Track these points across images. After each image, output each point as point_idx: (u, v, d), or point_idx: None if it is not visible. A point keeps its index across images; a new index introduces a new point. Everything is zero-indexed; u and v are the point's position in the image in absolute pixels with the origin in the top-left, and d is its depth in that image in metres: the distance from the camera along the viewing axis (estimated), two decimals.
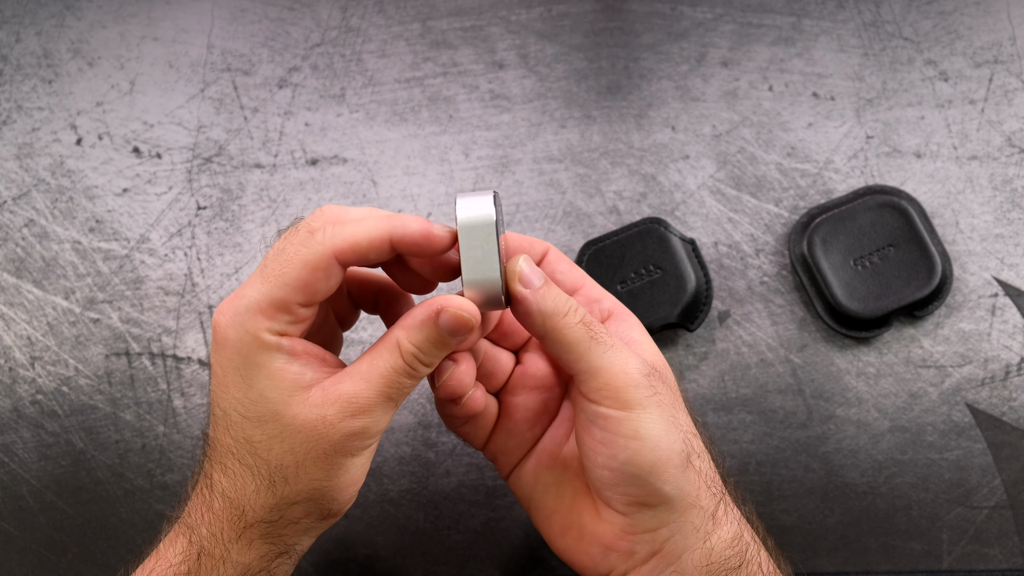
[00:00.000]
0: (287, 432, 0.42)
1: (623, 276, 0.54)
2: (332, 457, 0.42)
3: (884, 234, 0.55)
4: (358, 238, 0.41)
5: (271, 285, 0.41)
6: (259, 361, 0.41)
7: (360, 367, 0.42)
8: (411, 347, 0.42)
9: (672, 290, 0.54)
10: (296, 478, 0.42)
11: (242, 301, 0.41)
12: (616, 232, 0.55)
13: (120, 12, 0.60)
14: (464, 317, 0.41)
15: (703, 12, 0.60)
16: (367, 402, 0.42)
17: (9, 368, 0.56)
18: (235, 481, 0.42)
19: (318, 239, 0.41)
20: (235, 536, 0.42)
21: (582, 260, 0.55)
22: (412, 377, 0.42)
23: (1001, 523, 0.53)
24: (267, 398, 0.41)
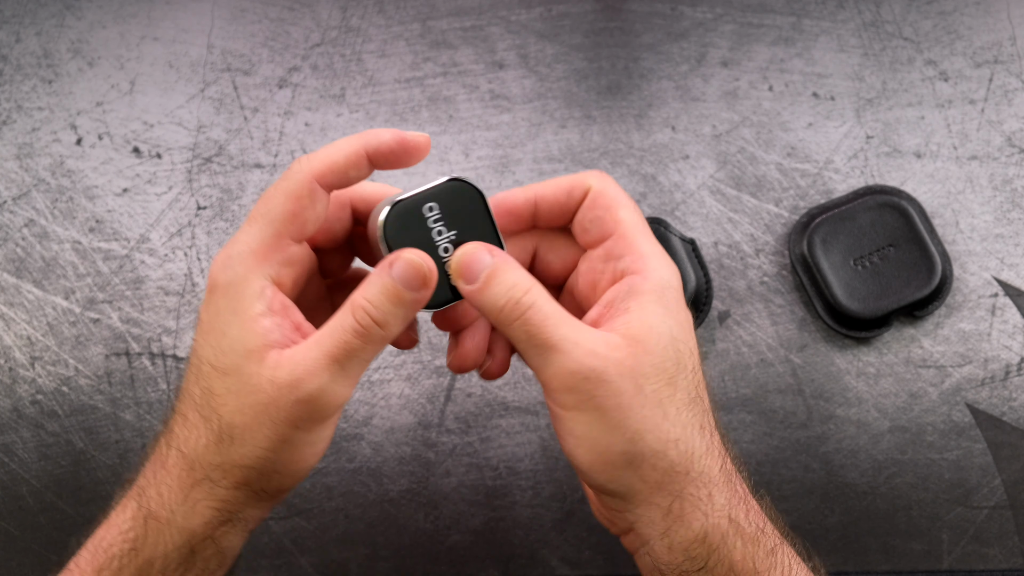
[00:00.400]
0: (243, 389, 0.41)
1: None
2: (280, 427, 0.41)
3: (884, 234, 0.55)
4: (334, 157, 0.41)
5: (259, 225, 0.41)
6: (240, 308, 0.41)
7: (316, 332, 0.41)
8: (363, 301, 0.40)
9: None
10: (243, 440, 0.41)
11: (235, 247, 0.41)
12: None
13: (120, 12, 0.60)
14: (417, 263, 0.40)
15: (703, 12, 0.60)
16: (314, 363, 0.40)
17: (9, 368, 0.56)
18: (191, 432, 0.42)
19: (295, 169, 0.41)
20: (182, 497, 0.42)
21: None
22: (363, 338, 0.40)
23: (1001, 523, 0.53)
24: (235, 349, 0.41)
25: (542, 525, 0.54)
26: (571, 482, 0.54)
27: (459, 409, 0.55)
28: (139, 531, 0.42)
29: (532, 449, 0.55)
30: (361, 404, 0.55)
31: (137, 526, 0.42)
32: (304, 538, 0.54)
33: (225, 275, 0.41)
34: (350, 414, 0.55)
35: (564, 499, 0.54)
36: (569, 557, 0.54)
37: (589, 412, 0.40)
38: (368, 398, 0.55)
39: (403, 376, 0.56)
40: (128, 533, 0.42)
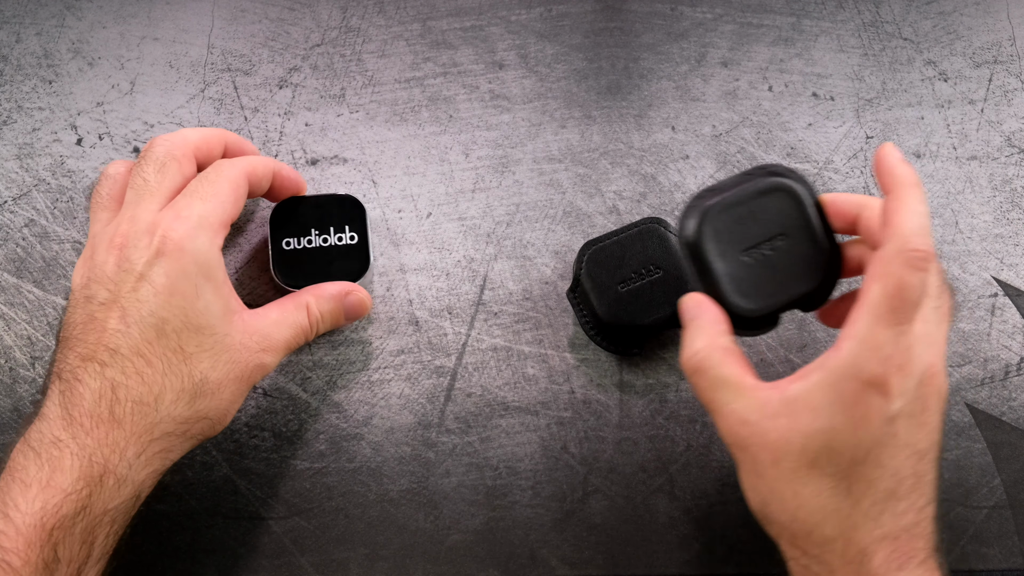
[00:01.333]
0: (217, 347, 0.46)
1: (623, 276, 0.54)
2: (242, 383, 0.48)
3: (775, 222, 0.48)
4: (257, 167, 0.51)
5: (212, 203, 0.47)
6: (211, 273, 0.47)
7: (271, 314, 0.50)
8: (318, 312, 0.51)
9: (672, 290, 0.54)
10: (214, 394, 0.46)
11: (191, 220, 0.47)
12: (616, 232, 0.55)
13: (120, 12, 0.60)
14: (366, 305, 0.54)
15: (703, 12, 0.60)
16: (277, 343, 0.49)
17: (9, 368, 0.56)
18: (152, 388, 0.45)
19: (233, 163, 0.49)
20: (138, 451, 0.45)
21: (582, 260, 0.55)
22: (307, 337, 0.51)
23: (1001, 523, 0.54)
24: (210, 310, 0.46)
25: (542, 525, 0.54)
26: (571, 482, 0.54)
27: (459, 409, 0.55)
28: (93, 488, 0.43)
29: (532, 449, 0.55)
30: (361, 404, 0.55)
31: (91, 484, 0.43)
32: (304, 538, 0.54)
33: (192, 244, 0.46)
34: (350, 414, 0.55)
35: (564, 499, 0.54)
36: (569, 557, 0.54)
37: (739, 465, 0.46)
38: (368, 398, 0.55)
39: (403, 376, 0.56)
40: (79, 493, 0.43)
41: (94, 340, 0.45)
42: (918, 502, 0.43)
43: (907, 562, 0.42)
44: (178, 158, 0.49)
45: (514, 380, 0.56)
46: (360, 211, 0.54)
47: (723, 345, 0.46)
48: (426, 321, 0.56)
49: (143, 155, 0.49)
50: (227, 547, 0.54)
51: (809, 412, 0.42)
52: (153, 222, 0.47)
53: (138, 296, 0.45)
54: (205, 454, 0.54)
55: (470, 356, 0.56)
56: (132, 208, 0.48)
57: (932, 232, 0.42)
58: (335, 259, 0.54)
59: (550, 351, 0.56)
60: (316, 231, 0.54)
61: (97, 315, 0.46)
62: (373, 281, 0.57)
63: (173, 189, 0.49)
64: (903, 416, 0.42)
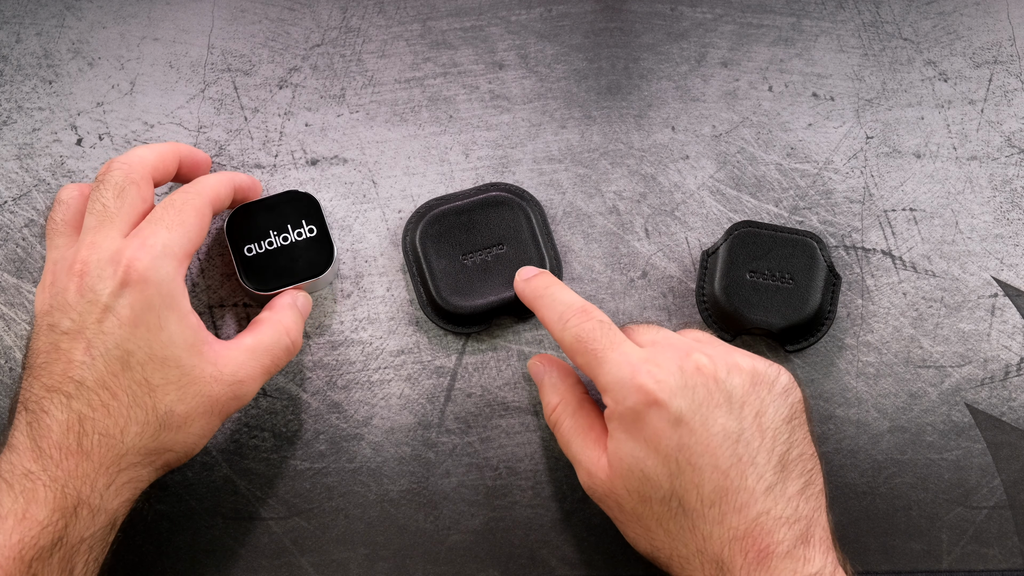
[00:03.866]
0: (184, 380, 0.46)
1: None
2: (213, 416, 0.47)
3: (496, 232, 0.55)
4: (220, 190, 0.51)
5: (178, 233, 0.47)
6: (175, 303, 0.46)
7: (245, 341, 0.49)
8: (292, 326, 0.51)
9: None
10: (180, 427, 0.46)
11: (155, 248, 0.46)
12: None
13: (120, 12, 0.60)
14: (310, 302, 0.54)
15: (703, 12, 0.60)
16: (253, 371, 0.48)
17: (9, 368, 0.56)
18: (118, 420, 0.44)
19: (198, 190, 0.49)
20: (108, 482, 0.44)
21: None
22: (291, 355, 0.51)
23: (1000, 523, 0.54)
24: (174, 342, 0.45)
25: (542, 525, 0.54)
26: (571, 482, 0.54)
27: (459, 409, 0.55)
28: (68, 519, 0.43)
29: (532, 449, 0.55)
30: (361, 404, 0.55)
31: (66, 516, 0.43)
32: (304, 538, 0.54)
33: (157, 274, 0.46)
34: (350, 414, 0.55)
35: (564, 499, 0.54)
36: (569, 557, 0.54)
37: (606, 513, 0.49)
38: (368, 398, 0.55)
39: (403, 376, 0.56)
40: (56, 524, 0.43)
41: (60, 372, 0.45)
42: (757, 488, 0.43)
43: (766, 559, 0.42)
44: (136, 181, 0.48)
45: (514, 380, 0.56)
46: (314, 204, 0.55)
47: (574, 399, 0.50)
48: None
49: (100, 179, 0.49)
50: (227, 547, 0.54)
51: (617, 458, 0.45)
52: (117, 250, 0.46)
53: (103, 328, 0.45)
54: (205, 454, 0.54)
55: (470, 356, 0.56)
56: (92, 234, 0.47)
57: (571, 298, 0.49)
58: (299, 255, 0.54)
59: (550, 351, 0.56)
60: (274, 232, 0.54)
61: (62, 345, 0.45)
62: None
63: (133, 214, 0.48)
64: (688, 411, 0.43)
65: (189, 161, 0.53)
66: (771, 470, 0.43)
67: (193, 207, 0.48)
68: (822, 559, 0.43)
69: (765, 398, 0.45)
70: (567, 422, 0.49)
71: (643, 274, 0.57)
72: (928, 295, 0.56)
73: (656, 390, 0.44)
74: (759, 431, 0.44)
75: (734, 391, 0.44)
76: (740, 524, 0.42)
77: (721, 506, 0.43)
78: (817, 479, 0.45)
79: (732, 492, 0.43)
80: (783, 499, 0.43)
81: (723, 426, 0.43)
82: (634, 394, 0.44)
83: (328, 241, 0.54)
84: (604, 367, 0.45)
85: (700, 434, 0.43)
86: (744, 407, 0.44)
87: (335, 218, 0.57)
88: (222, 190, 0.51)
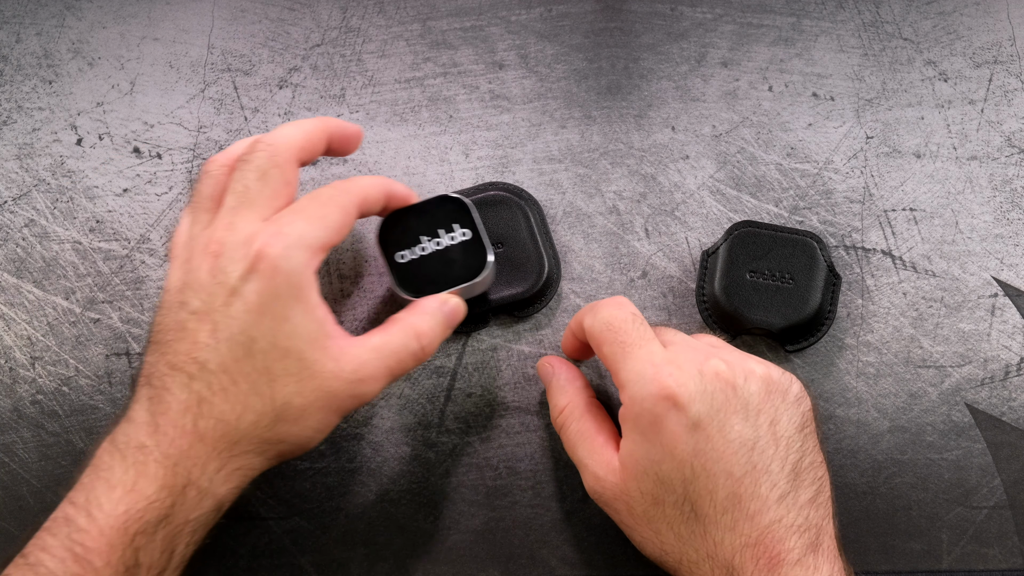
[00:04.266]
0: (304, 374, 0.45)
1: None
2: (331, 412, 0.46)
3: (495, 232, 0.55)
4: (370, 193, 0.49)
5: (317, 226, 0.46)
6: (303, 295, 0.45)
7: (372, 340, 0.47)
8: (429, 331, 0.48)
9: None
10: (297, 420, 0.45)
11: (290, 237, 0.45)
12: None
13: (120, 12, 0.60)
14: (463, 309, 0.51)
15: (703, 12, 0.60)
16: (376, 371, 0.46)
17: (9, 368, 0.56)
18: (235, 407, 0.44)
19: (347, 188, 0.48)
20: (219, 467, 0.44)
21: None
22: (418, 360, 0.48)
23: (1000, 523, 0.54)
24: (298, 334, 0.44)
25: (542, 525, 0.54)
26: (571, 482, 0.54)
27: (459, 409, 0.55)
28: (176, 498, 0.43)
29: (532, 449, 0.55)
30: None
31: (174, 494, 0.43)
32: (304, 538, 0.54)
33: (287, 264, 0.44)
34: (350, 414, 0.55)
35: (564, 499, 0.54)
36: (569, 557, 0.54)
37: (612, 518, 0.48)
38: None
39: (403, 376, 0.56)
40: (163, 501, 0.43)
41: (184, 351, 0.44)
42: (770, 496, 0.43)
43: (776, 566, 0.42)
44: (280, 164, 0.47)
45: (514, 380, 0.56)
46: (465, 208, 0.52)
47: (582, 402, 0.50)
48: None
49: (245, 159, 0.48)
50: (227, 547, 0.54)
51: (632, 460, 0.45)
52: (251, 234, 0.45)
53: (229, 312, 0.44)
54: None
55: (470, 356, 0.56)
56: (231, 215, 0.46)
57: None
58: (453, 260, 0.52)
59: (550, 351, 0.56)
60: (427, 237, 0.52)
61: (189, 325, 0.45)
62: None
63: (275, 197, 0.47)
64: (706, 417, 0.43)
65: (339, 136, 0.50)
66: (784, 478, 0.43)
67: (338, 204, 0.47)
68: (830, 567, 0.43)
69: (779, 406, 0.45)
70: (574, 425, 0.49)
71: (643, 274, 0.57)
72: (928, 295, 0.56)
73: (677, 393, 0.43)
74: (773, 439, 0.44)
75: (751, 398, 0.44)
76: (752, 531, 0.42)
77: (734, 513, 0.43)
78: (826, 487, 0.45)
79: (745, 499, 0.43)
80: (795, 508, 0.43)
81: (739, 433, 0.43)
82: (654, 394, 0.44)
83: (481, 245, 0.52)
84: (628, 362, 0.45)
85: (716, 440, 0.43)
86: (760, 415, 0.44)
87: None
88: (373, 193, 0.49)
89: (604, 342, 0.47)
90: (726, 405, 0.44)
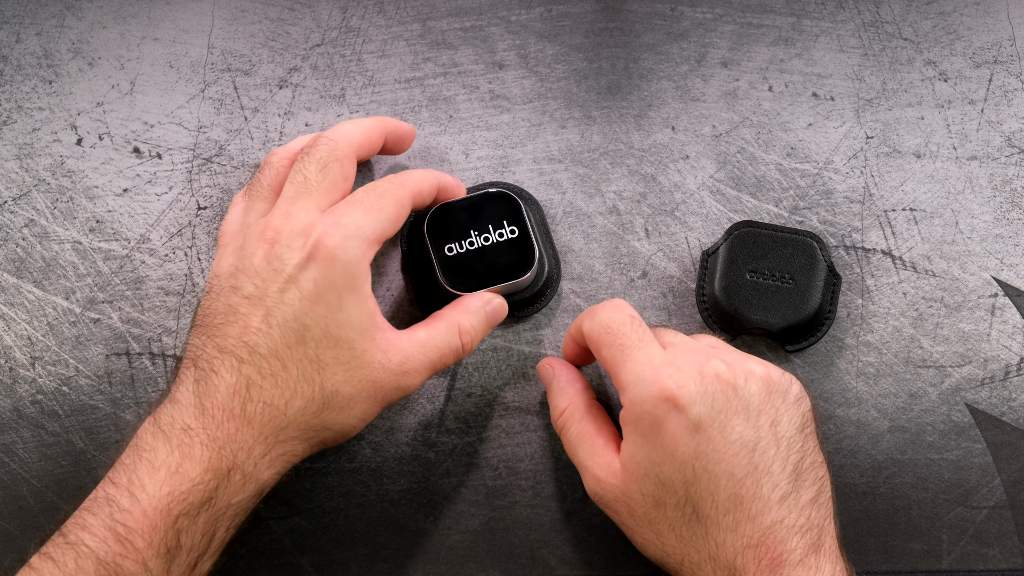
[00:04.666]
0: (354, 363, 0.46)
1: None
2: (375, 403, 0.47)
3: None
4: (423, 187, 0.50)
5: (374, 218, 0.47)
6: (357, 286, 0.46)
7: (417, 334, 0.48)
8: (471, 329, 0.50)
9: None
10: (343, 408, 0.46)
11: (348, 228, 0.46)
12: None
13: (120, 12, 0.61)
14: (505, 309, 0.52)
15: (703, 12, 0.60)
16: (420, 364, 0.48)
17: (9, 368, 0.56)
18: (284, 392, 0.45)
19: (402, 181, 0.49)
20: (264, 451, 0.44)
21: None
22: (458, 356, 0.49)
23: (1000, 523, 0.54)
24: (350, 323, 0.45)
25: (542, 525, 0.54)
26: (571, 482, 0.54)
27: (459, 409, 0.55)
28: (220, 481, 0.43)
29: (532, 449, 0.55)
30: None
31: (219, 477, 0.43)
32: (304, 538, 0.54)
33: (345, 253, 0.45)
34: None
35: (564, 499, 0.54)
36: (569, 557, 0.54)
37: (613, 520, 0.48)
38: None
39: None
40: (207, 484, 0.43)
41: (235, 335, 0.45)
42: (772, 497, 0.43)
43: (779, 566, 0.42)
44: (340, 159, 0.49)
45: (514, 380, 0.56)
46: (515, 205, 0.53)
47: (583, 404, 0.50)
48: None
49: (307, 151, 0.49)
50: (227, 547, 0.54)
51: (634, 462, 0.45)
52: (310, 223, 0.46)
53: (284, 298, 0.45)
54: None
55: (470, 356, 0.56)
56: (288, 204, 0.47)
57: None
58: (501, 256, 0.53)
59: (550, 351, 0.56)
60: (475, 232, 0.53)
61: (241, 309, 0.45)
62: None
63: (333, 190, 0.48)
64: (707, 418, 0.43)
65: (394, 136, 0.53)
66: (785, 479, 0.43)
67: (393, 196, 0.48)
68: (831, 567, 0.43)
69: (780, 407, 0.45)
70: (574, 427, 0.49)
71: (643, 274, 0.57)
72: (928, 295, 0.56)
73: (677, 395, 0.43)
74: (774, 440, 0.44)
75: (751, 399, 0.44)
76: (754, 532, 0.42)
77: (735, 514, 0.43)
78: (827, 487, 0.45)
79: (747, 500, 0.43)
80: (796, 508, 0.43)
81: (740, 434, 0.43)
82: (654, 396, 0.44)
83: (530, 243, 0.53)
84: (627, 364, 0.45)
85: (717, 442, 0.43)
86: (760, 416, 0.44)
87: None
88: (426, 186, 0.50)
89: (603, 345, 0.47)
90: (727, 406, 0.44)
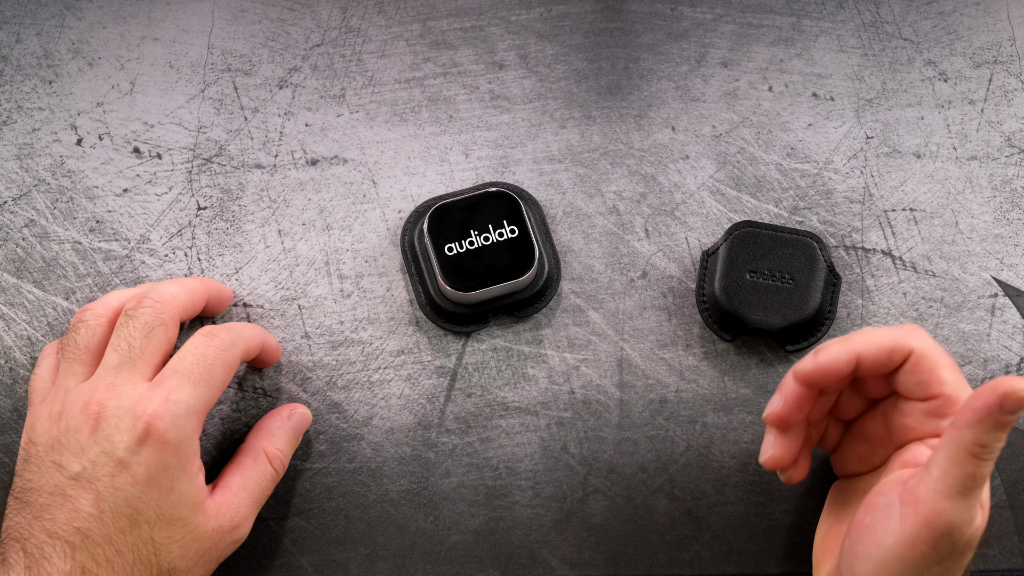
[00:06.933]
0: (188, 538, 0.46)
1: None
2: (212, 564, 0.48)
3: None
4: (250, 347, 0.50)
5: (203, 390, 0.46)
6: (187, 465, 0.46)
7: (233, 481, 0.49)
8: (278, 452, 0.51)
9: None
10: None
11: (179, 405, 0.45)
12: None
13: (120, 12, 0.61)
14: (308, 417, 0.54)
15: (703, 12, 0.60)
16: (247, 511, 0.49)
17: (9, 368, 0.56)
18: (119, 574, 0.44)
19: (233, 343, 0.48)
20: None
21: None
22: (275, 482, 0.51)
23: (1001, 523, 0.54)
24: (183, 502, 0.45)
25: (542, 525, 0.54)
26: (571, 482, 0.54)
27: (459, 409, 0.55)
28: None
29: (532, 449, 0.55)
30: (361, 404, 0.55)
31: None
32: (304, 538, 0.54)
33: (176, 435, 0.45)
34: (350, 414, 0.55)
35: (564, 499, 0.54)
36: (569, 557, 0.54)
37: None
38: (368, 398, 0.55)
39: (403, 376, 0.56)
40: None
41: (64, 519, 0.44)
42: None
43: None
44: (166, 323, 0.48)
45: (514, 380, 0.56)
46: (515, 204, 0.53)
47: None
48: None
49: (130, 313, 0.48)
50: None
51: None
52: (138, 400, 0.45)
53: (115, 483, 0.44)
54: (205, 455, 0.54)
55: (470, 356, 0.56)
56: (113, 375, 0.46)
57: None
58: (501, 256, 0.53)
59: (550, 351, 0.56)
60: (475, 232, 0.53)
61: (68, 491, 0.44)
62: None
63: (157, 355, 0.48)
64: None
65: (216, 299, 0.53)
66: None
67: (223, 363, 0.48)
68: None
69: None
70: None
71: (643, 274, 0.57)
72: (928, 295, 0.56)
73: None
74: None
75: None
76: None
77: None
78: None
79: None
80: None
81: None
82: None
83: (530, 243, 0.53)
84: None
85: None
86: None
87: (334, 218, 0.57)
88: (253, 345, 0.51)
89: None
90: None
